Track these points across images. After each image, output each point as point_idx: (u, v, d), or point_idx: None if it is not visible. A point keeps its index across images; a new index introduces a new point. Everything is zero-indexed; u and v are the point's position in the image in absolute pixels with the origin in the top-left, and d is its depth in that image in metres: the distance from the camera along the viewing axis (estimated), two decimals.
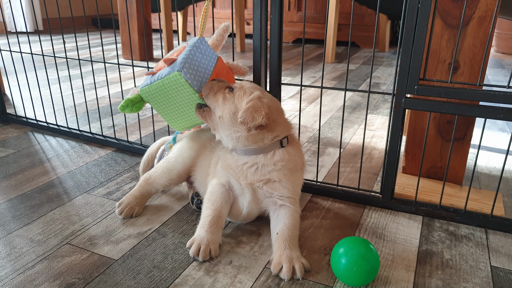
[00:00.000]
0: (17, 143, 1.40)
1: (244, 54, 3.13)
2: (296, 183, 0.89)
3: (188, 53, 0.90)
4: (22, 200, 1.04)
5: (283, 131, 0.87)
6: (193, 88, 0.88)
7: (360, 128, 1.57)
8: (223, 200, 0.88)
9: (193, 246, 0.82)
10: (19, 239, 0.88)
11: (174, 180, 1.00)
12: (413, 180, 1.09)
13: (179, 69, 0.87)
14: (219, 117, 0.87)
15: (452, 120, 1.03)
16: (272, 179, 0.86)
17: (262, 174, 0.86)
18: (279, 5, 0.95)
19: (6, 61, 2.57)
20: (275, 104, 0.88)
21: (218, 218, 0.86)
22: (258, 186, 0.86)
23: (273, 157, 0.86)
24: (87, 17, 4.61)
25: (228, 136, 0.87)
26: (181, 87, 0.89)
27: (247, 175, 0.86)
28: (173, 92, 0.90)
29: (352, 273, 0.72)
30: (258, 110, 0.82)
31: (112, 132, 1.49)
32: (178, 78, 0.87)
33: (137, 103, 0.96)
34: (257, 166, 0.86)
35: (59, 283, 0.76)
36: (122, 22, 2.72)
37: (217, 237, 0.85)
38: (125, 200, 0.99)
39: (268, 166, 0.85)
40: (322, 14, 3.51)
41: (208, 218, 0.85)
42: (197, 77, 0.89)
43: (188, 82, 0.87)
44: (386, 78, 2.39)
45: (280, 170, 0.85)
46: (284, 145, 0.87)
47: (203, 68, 0.91)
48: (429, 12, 0.81)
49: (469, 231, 0.93)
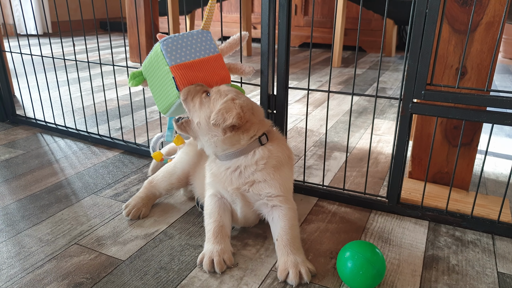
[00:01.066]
0: (26, 144, 1.41)
1: (250, 58, 3.15)
2: (284, 179, 0.86)
3: (180, 34, 0.94)
4: (31, 200, 1.05)
5: (259, 129, 0.85)
6: (165, 60, 0.91)
7: (367, 133, 1.57)
8: (220, 210, 0.88)
9: (205, 260, 0.81)
10: (28, 239, 0.90)
11: (175, 184, 1.02)
12: (419, 185, 1.09)
13: (160, 40, 0.92)
14: (197, 123, 0.86)
15: (459, 125, 1.03)
16: (256, 180, 0.84)
17: (246, 177, 0.84)
18: (287, 9, 0.96)
19: (16, 63, 2.60)
20: (249, 105, 0.86)
21: (220, 227, 0.85)
22: (245, 190, 0.85)
23: (254, 156, 0.84)
24: (96, 20, 4.66)
25: (207, 141, 0.86)
26: (158, 57, 0.92)
27: (232, 180, 0.85)
28: (155, 63, 0.94)
29: (358, 277, 0.73)
30: (229, 111, 0.81)
31: (119, 134, 1.50)
32: (157, 47, 0.92)
33: (137, 77, 0.99)
34: (240, 169, 0.85)
35: (68, 282, 0.77)
36: (130, 25, 2.74)
37: (226, 246, 0.84)
38: (131, 202, 1.00)
39: (250, 167, 0.84)
40: (328, 19, 3.52)
41: (211, 232, 0.85)
42: (175, 53, 0.91)
43: (162, 53, 0.91)
44: (392, 83, 2.39)
45: (263, 169, 0.84)
46: (263, 143, 0.85)
47: (188, 50, 0.93)
48: (436, 17, 0.82)
49: (476, 237, 0.93)
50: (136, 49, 2.80)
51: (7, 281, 0.77)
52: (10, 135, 1.49)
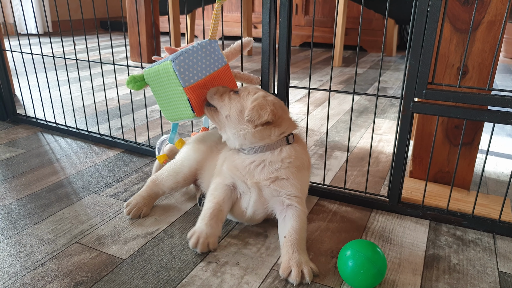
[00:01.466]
0: (27, 143, 1.41)
1: (251, 57, 3.15)
2: (303, 181, 0.89)
3: (189, 48, 0.92)
4: (32, 199, 1.05)
5: (288, 127, 0.89)
6: (179, 81, 0.90)
7: (367, 132, 1.57)
8: (225, 196, 0.89)
9: (192, 238, 0.84)
10: (29, 238, 0.90)
11: (181, 182, 1.01)
12: (420, 185, 1.09)
13: (171, 59, 0.90)
14: (226, 116, 0.88)
15: (460, 124, 1.03)
16: (279, 177, 0.86)
17: (269, 172, 0.86)
18: (288, 9, 0.96)
19: (16, 62, 2.60)
20: (279, 102, 0.90)
21: (218, 211, 0.87)
22: (265, 185, 0.86)
23: (280, 153, 0.86)
24: (96, 20, 4.66)
25: (235, 134, 0.88)
26: (170, 76, 0.91)
27: (254, 174, 0.87)
28: (164, 80, 0.93)
29: (359, 276, 0.73)
30: (263, 108, 0.84)
31: (120, 133, 1.50)
32: (168, 67, 0.90)
33: (139, 82, 0.98)
34: (264, 163, 0.86)
35: (68, 281, 0.77)
36: (131, 24, 2.74)
37: (216, 231, 0.86)
38: (133, 201, 1.00)
39: (276, 163, 0.86)
40: (329, 18, 3.51)
41: (209, 211, 0.87)
42: (187, 72, 0.91)
43: (175, 73, 0.90)
44: (393, 82, 2.39)
45: (287, 167, 0.86)
46: (290, 142, 0.88)
47: (199, 67, 0.93)
48: (438, 16, 0.82)
49: (477, 236, 0.93)
50: (136, 49, 2.80)
51: (8, 279, 0.77)
52: (11, 134, 1.49)
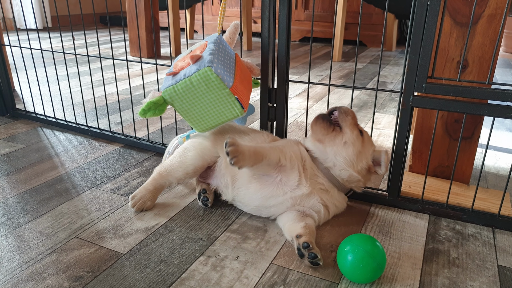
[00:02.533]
0: (26, 138, 1.41)
1: (251, 52, 3.14)
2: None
3: (213, 48, 0.89)
4: (31, 194, 1.05)
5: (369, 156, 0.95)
6: (224, 83, 0.87)
7: (367, 127, 1.57)
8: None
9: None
10: (28, 232, 0.90)
11: (190, 174, 0.98)
12: (420, 179, 1.09)
13: (209, 64, 0.86)
14: (344, 142, 0.90)
15: (459, 119, 1.02)
16: (325, 204, 0.91)
17: (322, 196, 0.91)
18: (287, 3, 0.95)
19: (15, 57, 2.60)
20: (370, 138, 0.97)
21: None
22: (310, 194, 0.90)
23: (340, 194, 0.94)
24: (96, 15, 4.65)
25: (338, 160, 0.91)
26: (211, 83, 0.87)
27: (312, 187, 0.90)
28: (202, 89, 0.89)
29: (358, 270, 0.73)
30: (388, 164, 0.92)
31: (120, 128, 1.50)
32: (209, 73, 0.86)
33: (160, 106, 0.93)
34: (329, 192, 0.91)
35: (68, 275, 0.77)
36: (130, 19, 2.73)
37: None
38: (138, 194, 0.98)
39: (333, 198, 0.92)
40: (329, 13, 3.50)
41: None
42: (226, 72, 0.89)
43: (219, 77, 0.86)
44: (393, 77, 2.38)
45: (331, 190, 0.92)
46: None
47: (228, 63, 0.91)
48: (438, 9, 0.81)
49: (476, 230, 0.93)
50: (136, 44, 2.79)
51: (8, 274, 0.77)
52: (10, 129, 1.49)
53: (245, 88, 0.94)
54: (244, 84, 0.94)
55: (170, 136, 1.43)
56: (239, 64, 0.96)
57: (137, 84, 2.13)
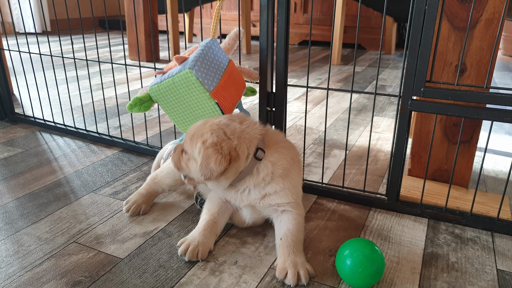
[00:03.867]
0: (25, 142, 1.41)
1: (249, 56, 3.14)
2: (293, 185, 0.86)
3: (200, 52, 0.90)
4: (29, 198, 1.05)
5: (249, 147, 0.81)
6: (204, 87, 0.88)
7: (366, 131, 1.57)
8: (219, 209, 0.88)
9: (183, 244, 0.83)
10: (27, 237, 0.89)
11: (179, 180, 1.00)
12: (419, 183, 1.09)
13: (190, 66, 0.87)
14: (197, 178, 0.85)
15: (458, 122, 1.02)
16: (267, 193, 0.84)
17: (256, 193, 0.84)
18: (286, 7, 0.96)
19: (14, 61, 2.60)
20: (222, 133, 0.80)
21: (213, 223, 0.86)
22: (256, 203, 0.85)
23: (259, 175, 0.83)
24: (94, 18, 4.65)
25: (213, 186, 0.87)
26: (191, 85, 0.88)
27: (242, 199, 0.86)
28: (183, 91, 0.90)
29: (357, 274, 0.73)
30: (208, 159, 0.78)
31: (118, 132, 1.50)
32: (189, 76, 0.87)
33: (146, 103, 0.95)
34: (249, 188, 0.85)
35: (66, 281, 0.76)
36: (129, 23, 2.74)
37: (209, 241, 0.84)
38: (132, 198, 1.00)
39: (259, 185, 0.83)
40: (327, 16, 3.51)
41: (203, 222, 0.86)
42: (208, 76, 0.89)
43: (199, 80, 0.87)
44: (392, 80, 2.39)
45: (271, 182, 0.83)
46: (260, 157, 0.83)
47: (214, 68, 0.91)
48: (436, 14, 0.82)
49: (475, 234, 0.93)
50: (135, 47, 2.79)
51: (6, 279, 0.77)
52: (9, 133, 1.49)
53: (230, 94, 0.94)
54: (230, 90, 0.94)
55: (169, 140, 1.43)
56: (230, 70, 0.96)
57: (136, 88, 2.13)
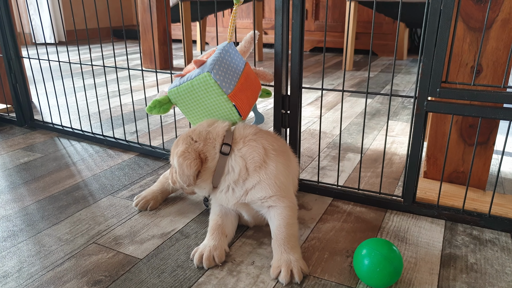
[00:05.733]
0: (44, 147, 1.44)
1: (261, 63, 3.16)
2: (273, 176, 0.83)
3: (218, 55, 0.91)
4: (50, 201, 1.07)
5: (213, 145, 0.85)
6: (221, 89, 0.89)
7: (380, 134, 1.57)
8: (220, 212, 0.89)
9: (196, 254, 0.82)
10: (48, 238, 0.91)
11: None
12: (435, 185, 1.08)
13: (208, 69, 0.88)
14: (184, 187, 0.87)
15: (474, 124, 1.02)
16: (248, 188, 0.83)
17: (238, 191, 0.85)
18: (300, 10, 0.97)
19: (33, 70, 2.66)
20: (187, 139, 0.86)
21: (218, 226, 0.86)
22: (242, 200, 0.85)
23: (234, 171, 0.83)
24: (108, 28, 4.74)
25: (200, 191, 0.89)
26: (210, 88, 0.90)
27: (228, 199, 0.86)
28: (202, 93, 0.91)
29: (375, 274, 0.72)
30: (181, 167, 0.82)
31: (135, 137, 1.53)
32: (208, 78, 0.88)
33: (165, 105, 0.96)
34: (231, 187, 0.85)
35: (87, 280, 0.78)
36: (143, 32, 2.79)
37: (220, 243, 0.84)
38: (142, 194, 1.04)
39: (238, 181, 0.84)
40: (339, 23, 3.52)
41: (210, 228, 0.87)
42: (226, 79, 0.90)
43: (217, 83, 0.88)
44: (404, 85, 2.38)
45: (248, 176, 0.83)
46: (226, 152, 0.84)
47: (232, 71, 0.93)
48: (451, 14, 0.82)
49: (494, 236, 0.92)
50: (149, 55, 2.84)
51: (28, 278, 0.78)
52: (29, 139, 1.52)
53: (246, 97, 0.95)
54: (246, 93, 0.96)
55: None
56: (246, 73, 0.97)
57: (151, 94, 2.16)
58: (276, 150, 0.86)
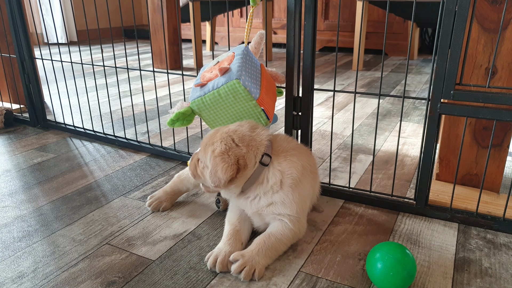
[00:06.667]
0: (56, 148, 1.46)
1: (271, 62, 3.16)
2: (301, 199, 0.85)
3: (242, 60, 0.91)
4: (63, 201, 1.09)
5: (256, 153, 0.83)
6: (251, 95, 0.88)
7: (391, 136, 1.56)
8: (239, 217, 0.89)
9: (211, 257, 0.82)
10: (62, 239, 0.92)
11: None
12: (447, 187, 1.07)
13: (237, 77, 0.87)
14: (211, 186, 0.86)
15: (488, 126, 1.01)
16: (274, 202, 0.84)
17: (264, 201, 0.85)
18: (313, 12, 0.97)
19: (43, 71, 2.69)
20: (230, 141, 0.83)
21: (235, 231, 0.86)
22: (262, 211, 0.85)
23: (268, 183, 0.83)
24: (118, 28, 4.77)
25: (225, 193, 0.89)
26: (239, 95, 0.88)
27: (252, 206, 0.86)
28: (230, 101, 0.90)
29: (389, 278, 0.72)
30: (216, 167, 0.80)
31: (146, 138, 1.53)
32: (237, 86, 0.87)
33: (188, 116, 0.95)
34: (259, 196, 0.85)
35: (101, 281, 0.79)
36: (154, 32, 2.80)
37: (235, 250, 0.83)
38: (156, 194, 1.05)
39: (267, 192, 0.84)
40: (349, 23, 3.50)
41: (226, 233, 0.87)
42: (253, 84, 0.90)
43: (247, 89, 0.88)
44: (415, 85, 2.36)
45: (279, 191, 0.83)
46: (266, 163, 0.84)
47: (254, 75, 0.93)
48: (466, 16, 0.81)
49: (509, 240, 0.91)
50: (159, 55, 2.85)
51: (43, 278, 0.79)
52: (41, 139, 1.54)
53: (270, 98, 0.96)
54: (269, 94, 0.96)
55: (196, 146, 1.46)
56: (265, 74, 0.98)
57: (162, 94, 2.17)
58: (312, 172, 0.88)
